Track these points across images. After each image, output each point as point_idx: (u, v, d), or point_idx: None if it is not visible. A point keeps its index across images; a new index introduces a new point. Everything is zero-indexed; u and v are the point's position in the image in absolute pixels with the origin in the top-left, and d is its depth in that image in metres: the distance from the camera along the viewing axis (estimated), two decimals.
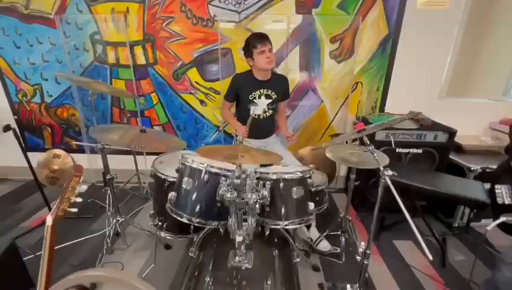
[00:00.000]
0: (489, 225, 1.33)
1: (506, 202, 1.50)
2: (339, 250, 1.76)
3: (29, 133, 2.72)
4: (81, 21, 2.30)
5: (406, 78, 2.38)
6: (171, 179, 1.46)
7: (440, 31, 2.23)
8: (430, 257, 0.80)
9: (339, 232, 1.79)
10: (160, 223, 1.58)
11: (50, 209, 2.21)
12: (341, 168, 2.72)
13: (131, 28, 2.30)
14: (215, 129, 2.60)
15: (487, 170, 1.98)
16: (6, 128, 1.66)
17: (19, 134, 1.73)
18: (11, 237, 1.85)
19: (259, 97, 1.79)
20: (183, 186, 1.28)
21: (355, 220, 2.21)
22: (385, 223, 2.17)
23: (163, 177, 1.48)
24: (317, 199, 1.54)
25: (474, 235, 2.06)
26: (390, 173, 0.99)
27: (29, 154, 1.82)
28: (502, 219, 1.35)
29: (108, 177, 1.58)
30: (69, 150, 2.76)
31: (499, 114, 2.46)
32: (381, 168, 1.00)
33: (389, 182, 0.98)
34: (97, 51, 2.40)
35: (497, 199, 1.52)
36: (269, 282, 1.14)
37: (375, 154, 1.06)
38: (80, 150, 2.76)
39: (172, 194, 1.28)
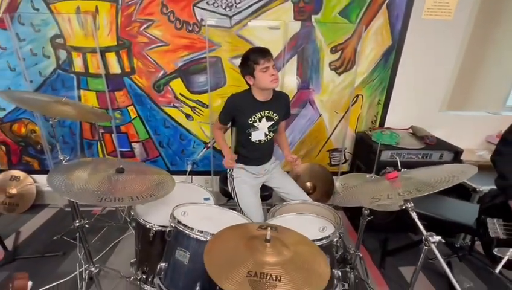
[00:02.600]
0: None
1: (501, 237, 1.40)
2: (347, 286, 1.60)
3: None
4: (38, 21, 1.91)
5: (407, 90, 2.25)
6: (157, 228, 1.20)
7: (444, 42, 2.11)
8: None
9: (347, 269, 1.63)
10: (144, 276, 1.31)
11: (4, 247, 1.87)
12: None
13: (101, 31, 1.95)
14: (203, 146, 2.33)
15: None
16: None
17: None
18: None
19: (260, 120, 1.54)
20: (177, 258, 1.01)
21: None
22: (389, 246, 2.05)
23: (147, 226, 1.21)
24: None
25: (478, 257, 2.00)
26: (436, 239, 0.81)
27: None
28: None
29: (77, 225, 1.27)
30: (30, 170, 2.36)
31: (495, 127, 2.42)
32: (425, 234, 0.82)
33: (436, 251, 0.80)
34: (60, 57, 2.01)
35: (490, 232, 1.43)
36: None
37: (418, 222, 0.85)
38: (43, 170, 2.37)
39: (162, 266, 1.02)
